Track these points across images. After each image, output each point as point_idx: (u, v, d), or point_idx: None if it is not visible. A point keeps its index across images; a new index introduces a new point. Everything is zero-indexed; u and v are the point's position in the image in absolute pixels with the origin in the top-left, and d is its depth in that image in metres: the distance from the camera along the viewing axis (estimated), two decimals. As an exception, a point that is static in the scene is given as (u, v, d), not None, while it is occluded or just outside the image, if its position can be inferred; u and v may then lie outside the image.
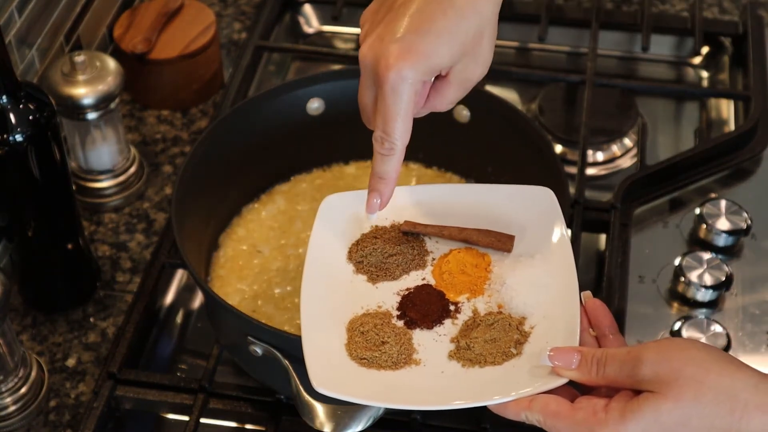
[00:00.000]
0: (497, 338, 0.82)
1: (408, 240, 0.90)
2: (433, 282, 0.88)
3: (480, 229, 0.89)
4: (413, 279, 0.89)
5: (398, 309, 0.86)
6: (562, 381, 0.77)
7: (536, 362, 0.79)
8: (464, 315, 0.86)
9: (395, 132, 0.82)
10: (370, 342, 0.83)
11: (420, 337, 0.84)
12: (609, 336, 0.82)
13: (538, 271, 0.87)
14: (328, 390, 0.78)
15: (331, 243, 0.90)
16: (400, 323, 0.85)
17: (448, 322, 0.85)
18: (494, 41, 0.84)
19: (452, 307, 0.86)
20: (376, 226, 0.91)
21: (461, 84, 0.84)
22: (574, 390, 0.78)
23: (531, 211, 0.90)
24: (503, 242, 0.89)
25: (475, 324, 0.84)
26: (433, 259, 0.90)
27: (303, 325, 0.83)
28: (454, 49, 0.81)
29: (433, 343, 0.84)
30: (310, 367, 0.80)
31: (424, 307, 0.86)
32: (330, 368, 0.81)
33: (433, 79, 0.84)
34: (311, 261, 0.87)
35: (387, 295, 0.87)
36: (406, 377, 0.81)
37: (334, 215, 0.91)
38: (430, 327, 0.85)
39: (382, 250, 0.89)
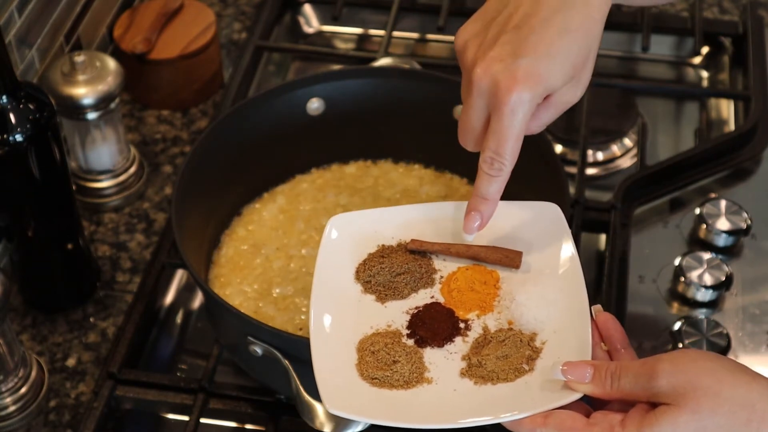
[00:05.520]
0: (509, 354, 0.82)
1: (415, 258, 0.90)
2: (441, 300, 0.88)
3: (487, 246, 0.89)
4: (422, 297, 0.88)
5: (408, 328, 0.86)
6: (577, 396, 0.77)
7: (549, 378, 0.79)
8: (474, 332, 0.85)
9: (507, 153, 0.82)
10: (381, 361, 0.82)
11: (431, 355, 0.84)
12: (621, 350, 0.81)
13: (548, 287, 0.86)
14: (342, 411, 0.78)
15: (338, 263, 0.89)
16: (411, 342, 0.85)
17: (458, 339, 0.85)
18: (594, 63, 0.85)
19: (462, 325, 0.86)
20: (383, 246, 0.91)
21: (559, 107, 0.85)
22: (587, 406, 0.78)
23: (538, 226, 0.90)
24: (511, 258, 0.88)
25: (486, 341, 0.84)
26: (441, 277, 0.89)
27: (312, 347, 0.82)
28: (567, 72, 0.82)
29: (444, 361, 0.83)
30: (322, 388, 0.79)
31: (434, 325, 0.85)
32: (342, 389, 0.80)
33: None
34: (319, 282, 0.87)
35: (396, 314, 0.87)
36: (418, 396, 0.81)
37: (341, 235, 0.90)
38: (440, 345, 0.84)
39: (389, 269, 0.89)
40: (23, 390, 1.05)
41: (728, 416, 0.71)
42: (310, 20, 1.54)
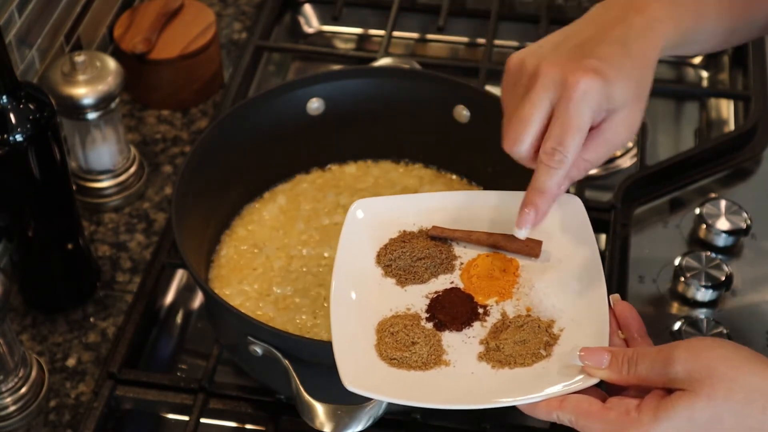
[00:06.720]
0: (527, 340, 0.83)
1: (436, 245, 0.91)
2: (461, 285, 0.89)
3: (507, 235, 0.90)
4: (441, 282, 0.89)
5: (427, 311, 0.87)
6: (593, 381, 0.78)
7: (566, 363, 0.79)
8: (493, 318, 0.86)
9: (571, 145, 0.81)
10: (400, 342, 0.83)
11: (449, 338, 0.85)
12: (638, 338, 0.82)
13: (567, 275, 0.87)
14: (360, 389, 0.79)
15: (359, 247, 0.90)
16: (430, 325, 0.85)
17: (477, 324, 0.86)
18: (644, 109, 0.85)
19: (481, 310, 0.87)
20: (404, 231, 0.92)
21: (608, 141, 0.84)
22: (603, 392, 0.79)
23: (558, 216, 0.90)
24: (531, 247, 0.89)
25: (504, 326, 0.85)
26: (461, 263, 0.90)
27: (333, 326, 0.83)
28: (627, 90, 0.82)
29: (462, 344, 0.84)
30: (341, 366, 0.80)
31: (453, 310, 0.86)
32: (360, 368, 0.81)
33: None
34: (340, 264, 0.88)
35: (416, 297, 0.88)
36: (435, 378, 0.82)
37: (363, 220, 0.91)
38: (459, 329, 0.85)
39: (410, 254, 0.90)
40: (23, 390, 1.05)
41: (743, 403, 0.72)
42: (310, 20, 1.54)
